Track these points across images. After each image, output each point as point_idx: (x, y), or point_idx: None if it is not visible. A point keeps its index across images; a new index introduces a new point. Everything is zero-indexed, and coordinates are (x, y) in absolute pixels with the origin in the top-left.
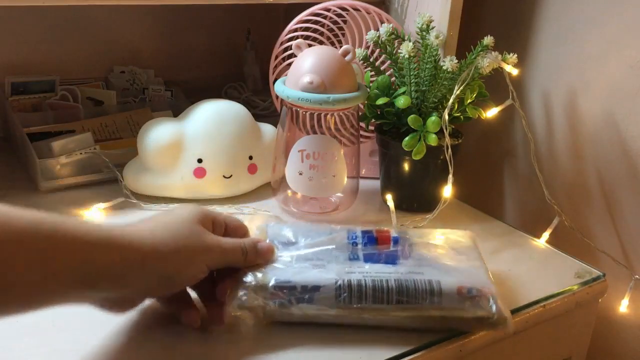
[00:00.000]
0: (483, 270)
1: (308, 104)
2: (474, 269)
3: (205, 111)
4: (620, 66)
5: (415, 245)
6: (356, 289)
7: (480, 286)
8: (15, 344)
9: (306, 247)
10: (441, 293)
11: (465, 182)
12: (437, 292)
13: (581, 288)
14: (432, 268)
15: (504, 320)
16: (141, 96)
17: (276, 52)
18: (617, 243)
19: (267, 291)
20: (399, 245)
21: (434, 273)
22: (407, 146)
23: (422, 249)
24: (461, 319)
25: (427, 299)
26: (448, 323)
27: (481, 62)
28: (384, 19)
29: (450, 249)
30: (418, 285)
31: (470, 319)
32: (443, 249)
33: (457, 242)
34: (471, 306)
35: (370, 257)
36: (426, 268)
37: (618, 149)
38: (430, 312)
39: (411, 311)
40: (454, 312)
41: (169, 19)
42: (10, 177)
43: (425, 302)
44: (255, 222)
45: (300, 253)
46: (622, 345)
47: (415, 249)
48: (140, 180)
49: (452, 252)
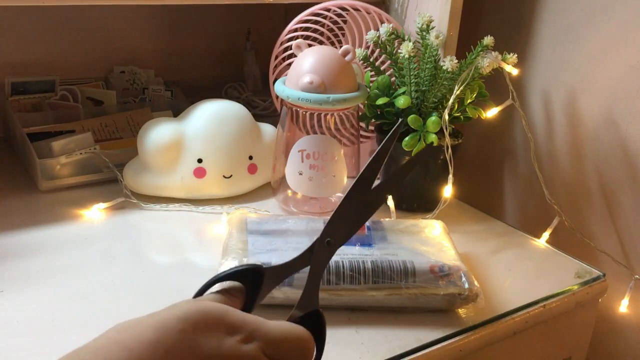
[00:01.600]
0: (453, 251)
1: (308, 104)
2: (443, 250)
3: (205, 111)
4: (620, 66)
5: (388, 232)
6: (334, 270)
7: (450, 264)
8: (15, 344)
9: (286, 235)
10: (415, 272)
11: (465, 182)
12: (411, 271)
13: (581, 288)
14: (405, 250)
15: (476, 296)
16: (141, 96)
17: (276, 52)
18: (617, 243)
19: None
20: (372, 231)
21: (407, 255)
22: (407, 146)
23: (396, 235)
24: (435, 296)
25: (402, 278)
26: (423, 301)
27: (481, 62)
28: (384, 19)
29: (422, 235)
30: (393, 265)
31: (444, 295)
32: (415, 235)
33: (428, 229)
34: (444, 284)
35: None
36: (400, 251)
37: (618, 149)
38: (406, 291)
39: (387, 290)
40: (428, 289)
41: (169, 19)
42: (10, 177)
43: (400, 281)
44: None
45: (280, 240)
46: (622, 345)
47: (389, 235)
48: (140, 180)
49: (424, 237)
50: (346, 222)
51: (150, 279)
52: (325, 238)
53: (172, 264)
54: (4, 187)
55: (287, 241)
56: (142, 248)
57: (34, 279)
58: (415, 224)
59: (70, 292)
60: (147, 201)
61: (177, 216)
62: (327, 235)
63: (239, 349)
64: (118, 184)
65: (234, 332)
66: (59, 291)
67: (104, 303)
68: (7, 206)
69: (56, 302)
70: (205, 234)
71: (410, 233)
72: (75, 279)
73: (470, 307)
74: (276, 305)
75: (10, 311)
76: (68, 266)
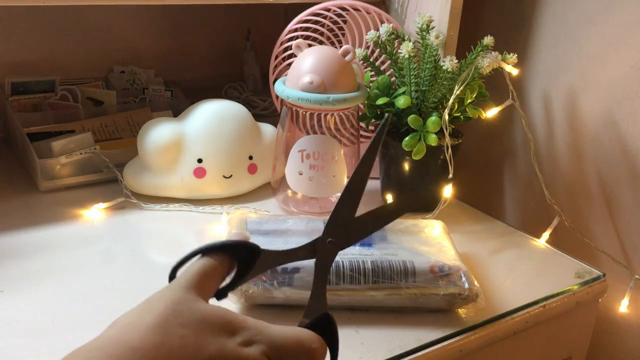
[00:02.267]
0: (453, 251)
1: (308, 104)
2: (443, 250)
3: (205, 111)
4: (620, 66)
5: (388, 232)
6: (334, 270)
7: (450, 264)
8: (15, 344)
9: (286, 235)
10: (415, 272)
11: (465, 182)
12: (411, 271)
13: (581, 288)
14: (405, 251)
15: (476, 296)
16: (141, 96)
17: (276, 52)
18: (617, 243)
19: None
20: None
21: (407, 255)
22: (407, 146)
23: (396, 235)
24: (435, 296)
25: (402, 278)
26: (423, 301)
27: (481, 62)
28: (384, 19)
29: (422, 235)
30: (393, 265)
31: (444, 295)
32: (415, 235)
33: (428, 229)
34: (444, 283)
35: None
36: (400, 251)
37: (618, 149)
38: (405, 291)
39: (387, 290)
40: (428, 289)
41: (169, 19)
42: (10, 177)
43: (400, 281)
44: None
45: (280, 239)
46: (622, 345)
47: (389, 235)
48: (140, 180)
49: (424, 237)
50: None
51: (150, 279)
52: (327, 238)
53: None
54: (4, 187)
55: (287, 241)
56: (142, 248)
57: (34, 279)
58: (415, 224)
59: (70, 292)
60: (147, 201)
61: (177, 216)
62: (328, 235)
63: (240, 351)
64: (118, 184)
65: (234, 334)
66: (59, 291)
67: (104, 303)
68: (7, 206)
69: (56, 302)
70: (205, 234)
71: (410, 233)
72: (75, 279)
73: (470, 307)
74: (276, 305)
75: (10, 311)
76: (68, 266)
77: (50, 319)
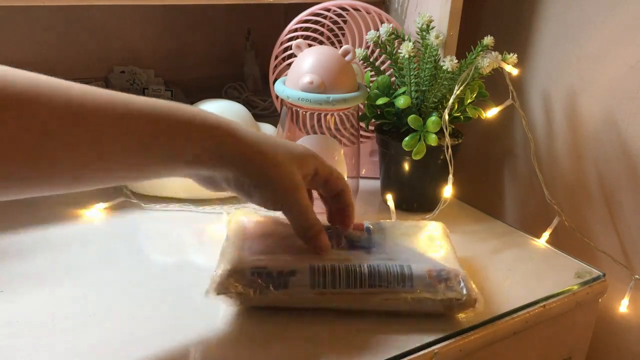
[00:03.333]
0: (452, 255)
1: (308, 104)
2: (442, 254)
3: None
4: (620, 66)
5: (387, 234)
6: (330, 274)
7: (449, 269)
8: (15, 344)
9: (285, 236)
10: (412, 277)
11: (465, 182)
12: (408, 276)
13: (581, 288)
14: (403, 254)
15: (474, 302)
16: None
17: (276, 52)
18: (617, 243)
19: (245, 278)
20: (371, 234)
21: (404, 259)
22: (407, 146)
23: (393, 238)
24: (433, 301)
25: (399, 282)
26: (420, 306)
27: (481, 62)
28: (384, 19)
29: (421, 237)
30: (390, 269)
31: (441, 300)
32: (414, 237)
33: (428, 231)
34: (442, 288)
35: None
36: (397, 254)
37: (618, 149)
38: (402, 295)
39: (383, 295)
40: (426, 294)
41: (168, 19)
42: None
43: (397, 285)
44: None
45: (278, 241)
46: (622, 345)
47: (388, 238)
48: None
49: (422, 240)
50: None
51: (150, 279)
52: None
53: (172, 264)
54: None
55: (286, 243)
56: (142, 248)
57: (34, 279)
58: (415, 226)
59: (70, 292)
60: (147, 201)
61: (177, 216)
62: None
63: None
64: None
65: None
66: (59, 291)
67: (104, 303)
68: (6, 206)
69: (56, 302)
70: (205, 234)
71: (409, 235)
72: (75, 279)
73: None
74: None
75: (10, 311)
76: (68, 266)
77: (50, 319)
